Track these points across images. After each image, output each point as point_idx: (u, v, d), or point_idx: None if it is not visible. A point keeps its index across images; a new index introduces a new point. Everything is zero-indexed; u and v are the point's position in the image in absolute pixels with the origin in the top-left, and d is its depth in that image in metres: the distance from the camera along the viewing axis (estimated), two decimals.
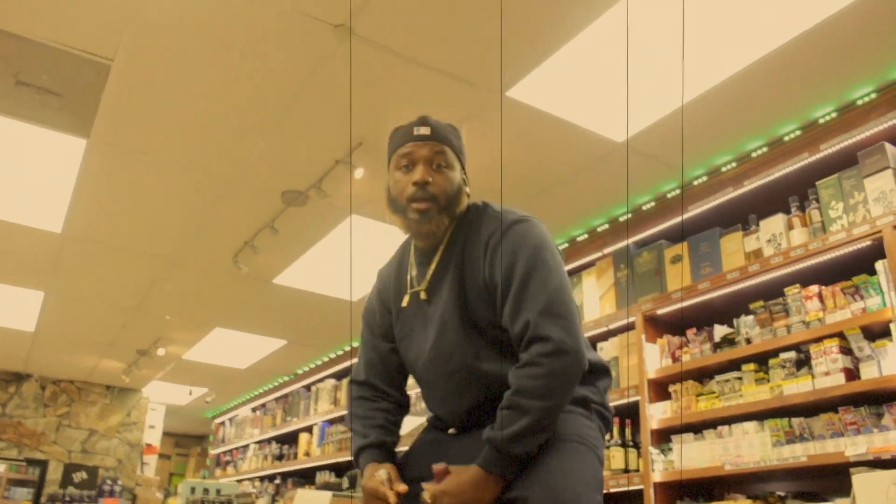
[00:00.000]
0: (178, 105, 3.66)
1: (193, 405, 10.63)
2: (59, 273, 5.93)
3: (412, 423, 5.27)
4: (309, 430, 7.86)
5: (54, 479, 9.24)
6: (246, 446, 9.41)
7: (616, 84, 3.40)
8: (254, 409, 9.60)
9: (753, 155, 3.81)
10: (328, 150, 3.99)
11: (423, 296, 1.75)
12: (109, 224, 5.00)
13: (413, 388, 2.57)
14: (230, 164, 4.17)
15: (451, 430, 1.78)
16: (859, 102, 3.41)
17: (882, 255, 3.12)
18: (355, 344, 7.32)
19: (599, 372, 1.76)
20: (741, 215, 3.84)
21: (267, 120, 3.75)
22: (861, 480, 1.03)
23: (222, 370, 8.69)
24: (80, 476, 9.18)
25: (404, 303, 1.80)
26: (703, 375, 3.88)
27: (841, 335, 3.22)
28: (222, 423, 10.74)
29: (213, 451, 10.76)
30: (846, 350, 3.21)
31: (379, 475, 1.62)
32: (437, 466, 1.53)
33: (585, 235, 4.75)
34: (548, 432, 1.52)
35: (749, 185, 3.80)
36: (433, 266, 1.75)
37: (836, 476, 3.16)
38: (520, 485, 1.49)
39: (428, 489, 1.51)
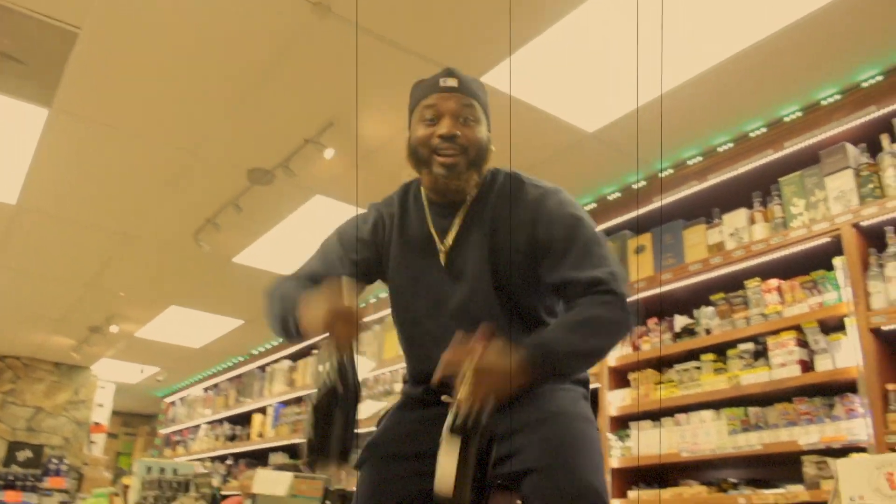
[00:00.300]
0: (145, 77, 3.58)
1: (144, 384, 10.47)
2: (10, 245, 5.76)
3: (373, 408, 5.28)
4: (263, 410, 7.80)
5: None
6: (197, 426, 9.30)
7: (589, 75, 3.43)
8: (206, 389, 9.50)
9: (719, 150, 3.89)
10: (298, 128, 3.95)
11: (445, 253, 1.67)
12: (67, 197, 4.88)
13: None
14: (196, 139, 4.10)
15: (444, 398, 1.59)
16: (823, 103, 3.50)
17: (840, 252, 3.22)
18: None
19: None
20: (705, 208, 3.92)
21: (236, 95, 3.69)
22: (845, 466, 1.07)
23: (176, 349, 8.57)
24: (24, 455, 8.98)
25: (417, 256, 1.69)
26: (662, 364, 3.96)
27: (798, 328, 3.33)
28: (173, 403, 10.60)
29: (162, 431, 10.61)
30: (802, 343, 3.31)
31: (343, 286, 1.45)
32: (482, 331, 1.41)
33: None
34: (591, 351, 1.48)
35: (714, 180, 3.88)
36: (458, 222, 1.67)
37: (789, 464, 3.27)
38: (537, 456, 1.45)
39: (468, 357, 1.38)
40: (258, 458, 7.75)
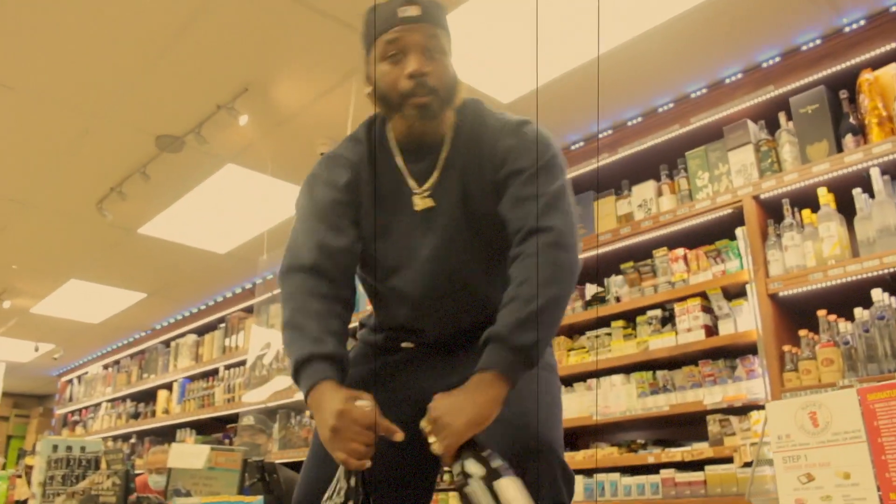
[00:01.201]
0: (45, 34, 3.38)
1: (37, 363, 9.97)
2: None
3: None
4: (168, 386, 7.61)
5: None
6: (97, 405, 8.98)
7: (503, 46, 3.47)
8: (106, 367, 9.17)
9: (629, 124, 4.01)
10: (210, 93, 3.83)
11: (425, 202, 1.56)
12: None
13: None
14: (101, 102, 3.92)
15: (405, 344, 1.62)
16: (727, 81, 3.66)
17: (741, 223, 3.40)
18: (220, 298, 7.15)
19: None
20: (615, 180, 4.05)
21: (145, 57, 3.55)
22: (773, 407, 1.16)
23: (74, 325, 8.21)
24: None
25: (389, 204, 1.58)
26: (573, 332, 4.10)
27: (703, 295, 3.50)
28: (70, 382, 10.18)
29: (59, 411, 10.18)
30: (707, 309, 3.49)
31: (364, 404, 1.31)
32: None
33: None
34: (553, 329, 1.39)
35: (623, 152, 4.01)
36: (438, 168, 1.56)
37: (694, 424, 3.46)
38: None
39: (430, 412, 1.32)
40: (165, 435, 7.57)
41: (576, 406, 3.85)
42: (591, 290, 4.05)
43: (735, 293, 3.44)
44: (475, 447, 1.29)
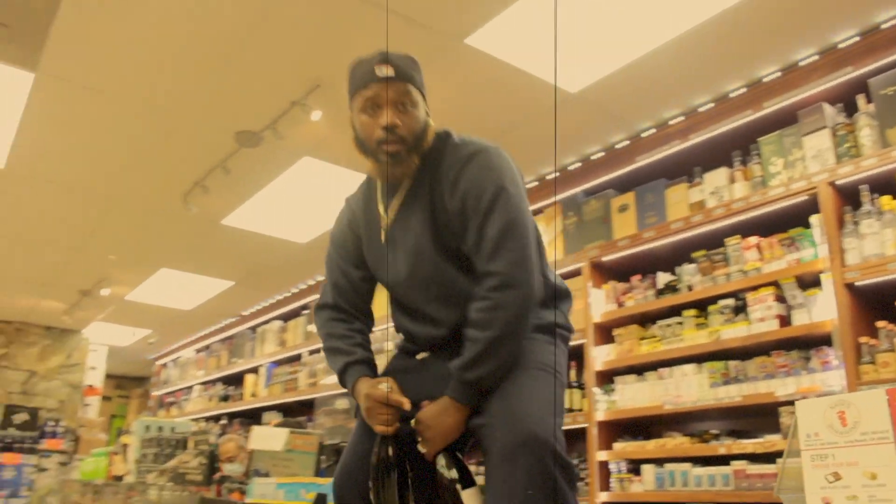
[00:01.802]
0: (130, 39, 3.58)
1: (135, 346, 10.55)
2: None
3: None
4: (255, 371, 7.91)
5: None
6: (190, 387, 9.42)
7: (571, 36, 3.46)
8: (198, 351, 9.60)
9: (700, 110, 3.94)
10: (284, 90, 3.97)
11: (389, 227, 1.81)
12: (55, 160, 4.89)
13: None
14: (183, 102, 4.12)
15: (420, 356, 1.87)
16: (802, 63, 3.55)
17: (816, 210, 3.31)
18: (303, 286, 7.37)
19: (562, 295, 1.86)
20: (686, 167, 3.99)
21: (221, 57, 3.70)
22: (803, 406, 1.16)
23: (167, 311, 8.63)
24: (20, 418, 9.03)
25: (375, 235, 1.85)
26: (646, 320, 4.07)
27: (776, 284, 3.43)
28: (165, 365, 10.70)
29: (155, 393, 10.73)
30: (780, 298, 3.41)
31: (383, 387, 1.68)
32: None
33: (536, 183, 4.86)
34: (499, 360, 1.61)
35: (695, 139, 3.95)
36: (401, 197, 1.80)
37: (766, 415, 3.40)
38: (480, 413, 1.61)
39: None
40: (252, 418, 7.88)
41: (647, 395, 3.84)
42: (663, 278, 4.01)
43: (810, 282, 3.35)
44: (452, 451, 1.67)
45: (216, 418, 8.55)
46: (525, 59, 3.64)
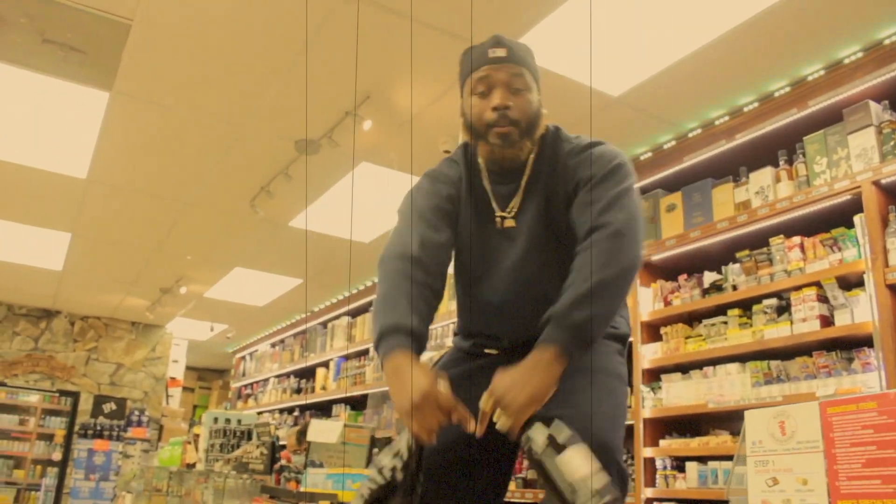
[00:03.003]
0: (194, 58, 3.84)
1: (214, 340, 11.05)
2: (84, 215, 6.21)
3: (423, 357, 5.56)
4: (325, 365, 8.19)
5: (85, 410, 9.73)
6: (266, 380, 9.80)
7: (608, 42, 3.54)
8: (273, 345, 9.97)
9: (745, 110, 3.95)
10: (338, 101, 4.17)
11: (508, 222, 1.72)
12: (132, 169, 5.24)
13: None
14: (244, 113, 4.37)
15: (489, 350, 1.75)
16: (846, 61, 3.53)
17: (860, 210, 3.29)
18: (368, 283, 7.60)
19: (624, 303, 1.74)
20: (732, 167, 4.00)
21: (277, 72, 3.93)
22: (751, 416, 1.26)
23: (242, 307, 9.04)
24: (109, 407, 9.65)
25: (480, 218, 1.74)
26: (692, 319, 4.11)
27: (818, 284, 3.42)
28: (242, 358, 11.15)
29: (234, 385, 11.20)
30: (823, 298, 3.41)
31: (444, 386, 1.43)
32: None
33: None
34: (607, 307, 1.45)
35: (740, 139, 3.95)
36: (521, 191, 1.72)
37: None
38: (560, 404, 1.45)
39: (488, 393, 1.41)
40: (323, 410, 8.18)
41: (692, 393, 3.88)
42: (709, 277, 4.04)
43: (852, 283, 3.34)
44: (541, 419, 1.39)
45: (289, 410, 8.89)
46: (566, 64, 3.73)
